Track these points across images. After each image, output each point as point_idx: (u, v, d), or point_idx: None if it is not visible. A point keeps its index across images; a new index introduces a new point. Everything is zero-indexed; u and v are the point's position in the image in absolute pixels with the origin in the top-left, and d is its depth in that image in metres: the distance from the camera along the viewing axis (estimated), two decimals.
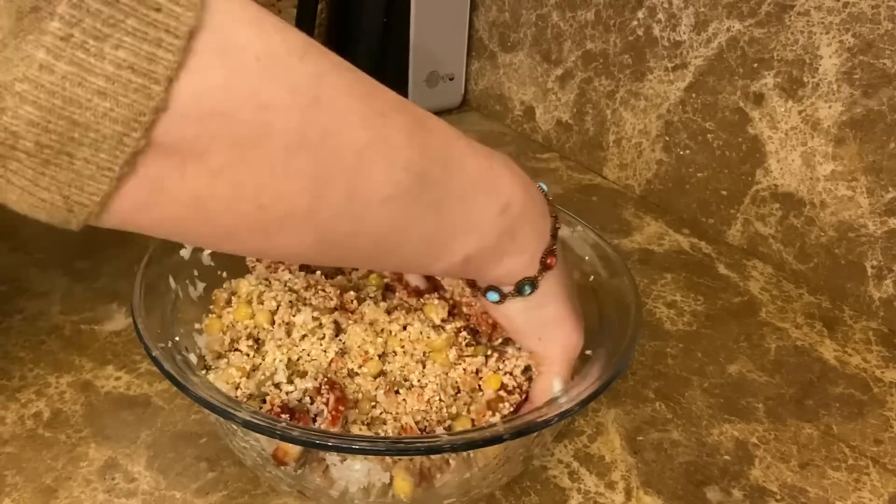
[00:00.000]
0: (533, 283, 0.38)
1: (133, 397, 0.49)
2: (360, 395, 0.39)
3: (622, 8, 0.76)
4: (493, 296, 0.39)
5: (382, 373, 0.40)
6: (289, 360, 0.40)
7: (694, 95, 0.71)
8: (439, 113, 1.01)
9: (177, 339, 0.39)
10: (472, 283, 0.41)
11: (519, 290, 0.38)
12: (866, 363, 0.57)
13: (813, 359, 0.57)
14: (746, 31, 0.65)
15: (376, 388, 0.39)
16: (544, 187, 0.40)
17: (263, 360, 0.40)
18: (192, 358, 0.40)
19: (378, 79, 0.31)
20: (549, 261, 0.38)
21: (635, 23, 0.75)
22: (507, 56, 0.93)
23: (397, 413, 0.38)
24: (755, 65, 0.65)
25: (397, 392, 0.39)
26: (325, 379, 0.38)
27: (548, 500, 0.43)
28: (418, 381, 0.40)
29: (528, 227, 0.36)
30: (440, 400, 0.39)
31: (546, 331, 0.40)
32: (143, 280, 0.40)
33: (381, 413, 0.38)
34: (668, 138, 0.75)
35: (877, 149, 0.58)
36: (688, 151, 0.74)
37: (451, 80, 0.96)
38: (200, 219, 0.26)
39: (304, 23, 0.90)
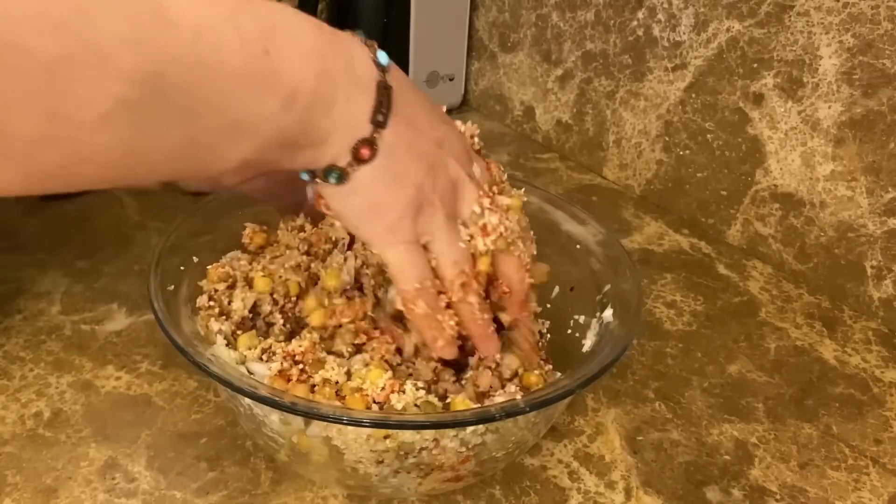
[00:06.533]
0: (340, 174, 0.33)
1: (133, 397, 0.49)
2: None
3: (622, 8, 0.76)
4: (304, 175, 0.35)
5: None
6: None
7: (694, 95, 0.71)
8: None
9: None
10: None
11: (325, 176, 0.34)
12: (866, 363, 0.57)
13: (813, 359, 0.57)
14: (746, 32, 0.65)
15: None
16: (382, 59, 0.34)
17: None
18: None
19: None
20: (361, 152, 0.33)
21: (635, 23, 0.75)
22: (507, 56, 0.93)
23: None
24: (755, 65, 0.65)
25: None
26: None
27: (548, 500, 0.43)
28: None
29: (327, 118, 0.31)
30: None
31: (363, 220, 0.36)
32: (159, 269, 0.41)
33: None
34: (667, 138, 0.75)
35: (877, 149, 0.58)
36: (688, 151, 0.74)
37: (451, 80, 0.96)
38: None
39: None
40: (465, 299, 0.38)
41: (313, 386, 0.39)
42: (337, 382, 0.39)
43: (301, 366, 0.39)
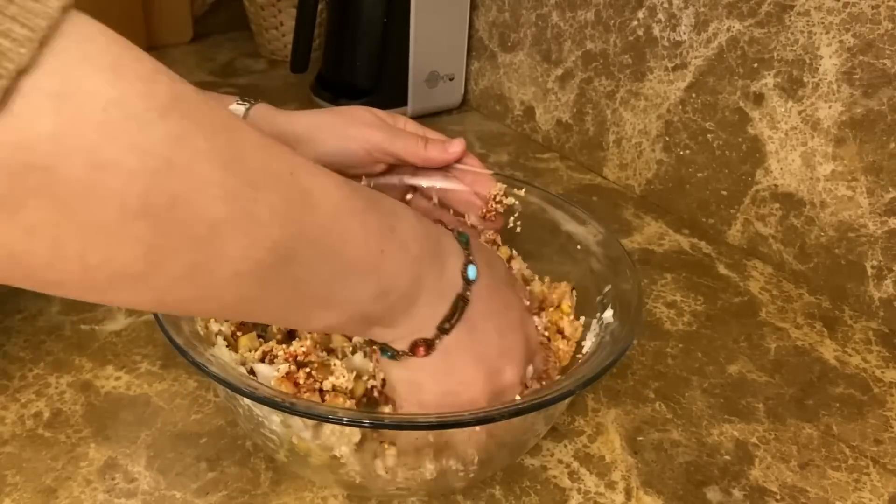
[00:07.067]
0: (393, 354, 0.36)
1: (133, 397, 0.49)
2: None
3: (622, 8, 0.76)
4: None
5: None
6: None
7: (694, 95, 0.71)
8: (439, 113, 1.03)
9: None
10: None
11: (382, 350, 0.37)
12: (866, 363, 0.57)
13: (813, 359, 0.57)
14: (746, 31, 0.65)
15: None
16: (471, 273, 0.37)
17: None
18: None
19: (378, 79, 0.30)
20: (418, 349, 0.36)
21: (635, 23, 0.75)
22: (507, 56, 0.93)
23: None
24: (755, 65, 0.65)
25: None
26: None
27: (548, 500, 0.43)
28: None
29: (404, 313, 0.34)
30: None
31: (400, 387, 0.39)
32: None
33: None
34: (668, 138, 0.75)
35: (877, 149, 0.58)
36: (688, 151, 0.74)
37: (451, 80, 0.96)
38: (20, 274, 0.24)
39: (304, 23, 0.90)
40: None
41: (321, 391, 0.39)
42: (350, 389, 0.39)
43: (307, 369, 0.39)
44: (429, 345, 0.36)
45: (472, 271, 0.37)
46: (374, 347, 0.38)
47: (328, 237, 0.29)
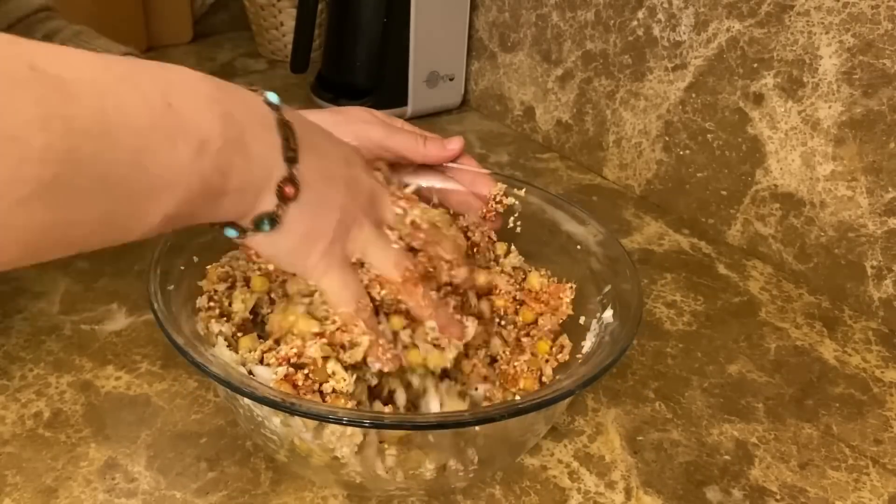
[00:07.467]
0: (272, 218, 0.34)
1: (133, 397, 0.49)
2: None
3: (622, 8, 0.76)
4: (231, 232, 0.35)
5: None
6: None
7: (694, 95, 0.71)
8: (439, 113, 1.03)
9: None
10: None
11: (257, 226, 0.34)
12: (866, 363, 0.57)
13: (813, 359, 0.57)
14: (746, 31, 0.65)
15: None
16: (272, 98, 0.35)
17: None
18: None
19: (378, 79, 0.29)
20: (286, 191, 0.34)
21: (635, 23, 0.75)
22: (507, 56, 0.93)
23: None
24: (755, 65, 0.65)
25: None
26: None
27: (548, 500, 0.43)
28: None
29: (244, 159, 0.32)
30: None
31: (296, 256, 0.37)
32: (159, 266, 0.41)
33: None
34: (668, 138, 0.75)
35: (877, 149, 0.58)
36: (688, 151, 0.74)
37: (451, 80, 0.96)
38: None
39: (304, 23, 0.90)
40: (422, 291, 0.40)
41: (322, 393, 0.39)
42: (350, 392, 0.39)
43: (305, 370, 0.39)
44: (291, 180, 0.34)
45: (272, 96, 0.35)
46: (246, 243, 0.36)
47: (105, 116, 0.26)
